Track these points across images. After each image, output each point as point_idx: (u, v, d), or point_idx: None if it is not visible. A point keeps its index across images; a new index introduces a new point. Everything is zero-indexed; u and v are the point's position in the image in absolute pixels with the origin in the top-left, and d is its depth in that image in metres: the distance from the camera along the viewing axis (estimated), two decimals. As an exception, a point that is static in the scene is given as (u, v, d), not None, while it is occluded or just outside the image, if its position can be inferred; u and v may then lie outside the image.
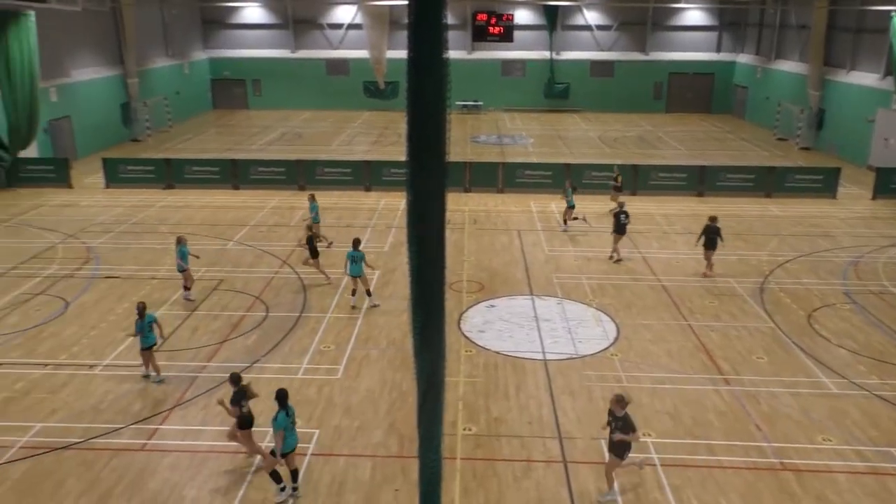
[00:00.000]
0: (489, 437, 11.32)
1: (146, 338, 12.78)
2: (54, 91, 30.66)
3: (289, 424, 9.67)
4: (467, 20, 46.50)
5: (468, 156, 31.95)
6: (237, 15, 47.73)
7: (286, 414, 9.62)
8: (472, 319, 15.70)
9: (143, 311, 12.75)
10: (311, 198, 20.45)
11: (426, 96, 4.69)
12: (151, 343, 12.88)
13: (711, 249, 17.98)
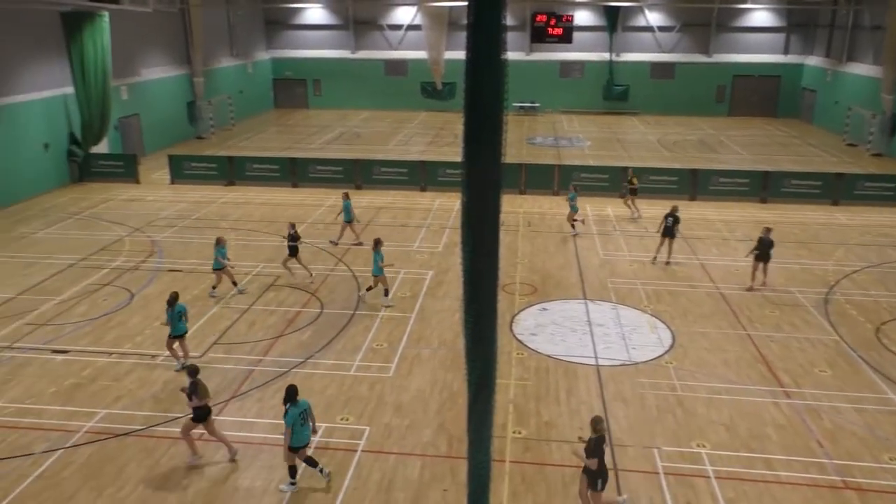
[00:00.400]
0: (539, 441, 11.24)
1: (176, 326, 13.23)
2: (125, 89, 31.80)
3: (298, 420, 9.79)
4: (526, 21, 46.31)
5: (524, 157, 31.80)
6: (299, 16, 48.63)
7: (297, 410, 9.77)
8: (524, 322, 15.62)
9: (173, 301, 13.18)
10: (345, 196, 20.65)
11: (483, 97, 4.69)
12: (182, 332, 13.35)
13: (764, 262, 17.30)
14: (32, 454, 10.79)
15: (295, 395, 9.86)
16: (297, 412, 9.81)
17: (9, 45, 24.59)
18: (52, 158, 27.01)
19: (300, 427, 9.85)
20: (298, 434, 9.85)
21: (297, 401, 9.89)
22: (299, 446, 9.93)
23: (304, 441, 9.97)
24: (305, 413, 9.94)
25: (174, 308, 13.14)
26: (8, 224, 22.55)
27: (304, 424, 9.93)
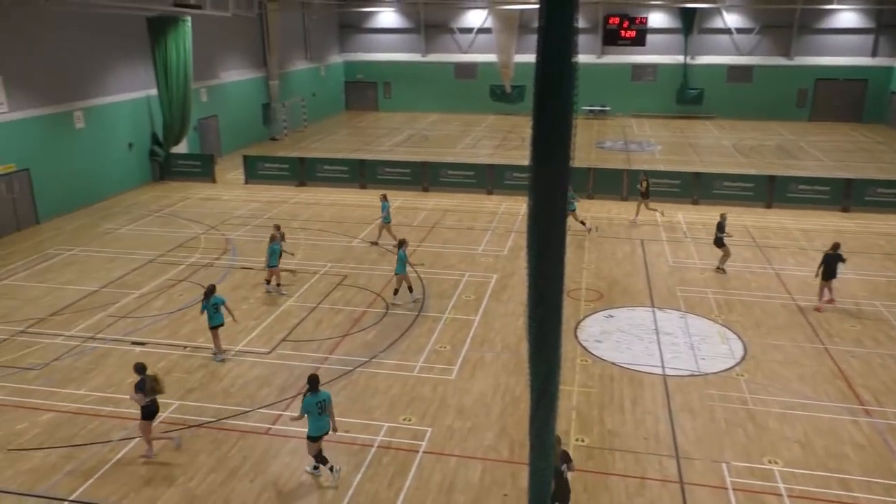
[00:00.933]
0: (602, 449, 11.06)
1: (213, 318, 13.66)
2: (204, 91, 32.96)
3: (314, 409, 9.96)
4: (598, 24, 45.70)
5: (592, 161, 31.37)
6: (372, 20, 49.38)
7: (314, 399, 9.97)
8: (589, 328, 15.41)
9: (210, 293, 13.63)
10: (383, 197, 20.83)
11: (553, 100, 4.65)
12: (218, 323, 13.75)
13: (831, 279, 16.41)
14: (111, 441, 11.29)
15: (316, 385, 10.06)
16: (314, 401, 10.00)
17: (99, 50, 25.84)
18: (136, 158, 28.24)
19: (317, 416, 10.02)
20: (315, 423, 10.05)
21: (317, 390, 10.08)
22: (317, 436, 10.12)
23: (321, 431, 10.16)
24: (323, 404, 10.08)
25: (210, 300, 13.63)
26: (94, 220, 23.69)
27: (322, 415, 10.08)
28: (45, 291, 17.47)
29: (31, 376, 13.31)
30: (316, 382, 10.12)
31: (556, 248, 5.19)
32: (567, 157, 4.87)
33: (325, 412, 10.11)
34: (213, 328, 13.83)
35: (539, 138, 4.79)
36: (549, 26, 4.44)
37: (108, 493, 10.05)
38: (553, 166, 4.89)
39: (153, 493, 10.05)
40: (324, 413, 10.10)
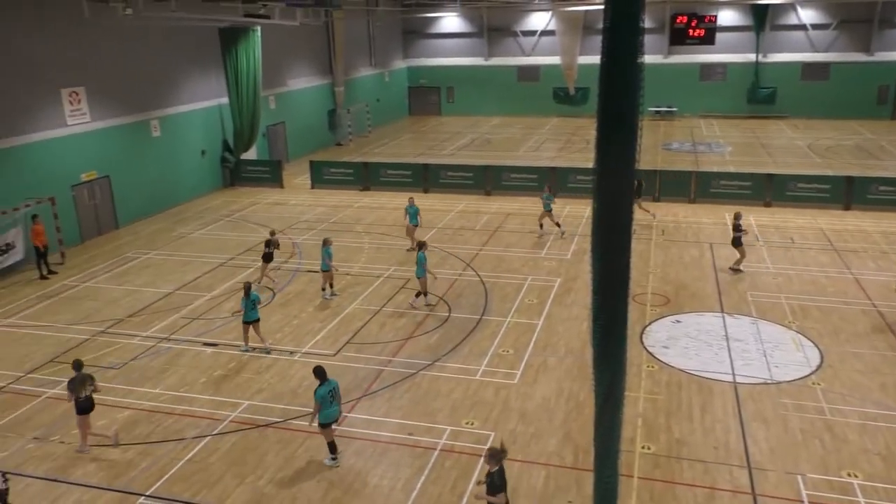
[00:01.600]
0: (669, 458, 10.80)
1: (249, 313, 14.32)
2: (273, 99, 33.83)
3: (327, 398, 10.50)
4: (665, 23, 44.77)
5: (659, 163, 30.74)
6: (435, 25, 49.71)
7: (326, 388, 10.51)
8: (655, 334, 15.08)
9: (248, 290, 14.33)
10: (410, 201, 20.96)
11: (618, 102, 4.60)
12: (254, 318, 14.40)
13: None
14: (184, 439, 11.68)
15: (324, 375, 10.65)
16: (326, 390, 10.55)
17: (174, 60, 26.86)
18: (208, 164, 29.20)
19: (328, 404, 10.53)
20: (327, 410, 10.53)
21: (326, 380, 10.63)
22: (328, 423, 10.61)
23: (332, 418, 10.67)
24: (334, 391, 10.64)
25: (249, 296, 14.27)
26: (169, 225, 24.60)
27: (333, 402, 10.62)
28: (123, 293, 18.24)
29: (111, 375, 13.91)
30: (323, 373, 10.70)
31: (621, 251, 5.12)
32: (632, 159, 4.81)
33: (336, 400, 10.70)
34: (246, 323, 14.51)
35: (604, 140, 4.74)
36: (615, 27, 4.39)
37: (182, 489, 10.40)
38: (618, 169, 4.83)
39: (223, 490, 10.34)
40: (335, 401, 10.66)
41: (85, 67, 22.78)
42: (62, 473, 10.85)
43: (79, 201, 22.67)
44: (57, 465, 11.08)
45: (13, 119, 20.44)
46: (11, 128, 20.40)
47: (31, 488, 10.48)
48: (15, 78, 20.40)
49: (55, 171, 21.68)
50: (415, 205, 20.90)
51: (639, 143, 4.78)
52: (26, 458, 11.26)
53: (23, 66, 20.58)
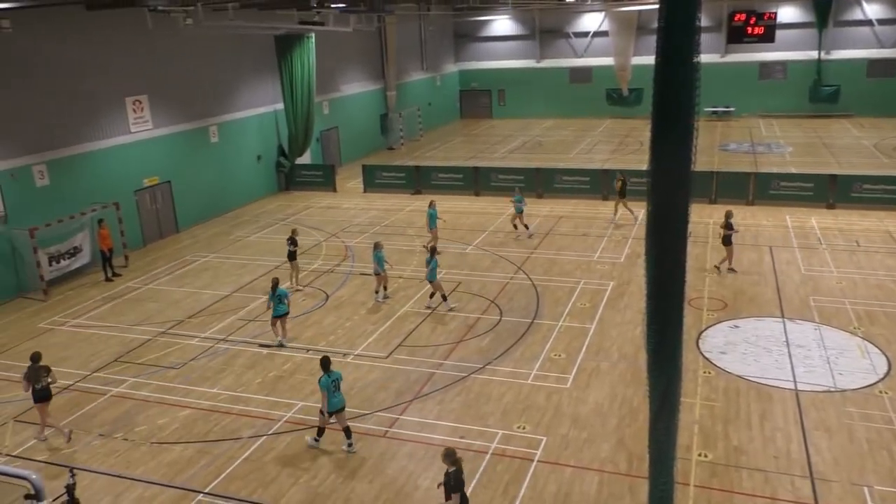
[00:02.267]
0: (727, 466, 10.53)
1: (277, 308, 15.03)
2: (326, 104, 34.35)
3: (331, 387, 11.06)
4: (723, 21, 43.80)
5: (716, 165, 30.05)
6: (487, 28, 49.71)
7: (330, 378, 11.05)
8: (712, 339, 14.74)
9: (275, 286, 15.09)
10: (431, 204, 21.25)
11: (673, 102, 4.52)
12: (282, 312, 15.14)
13: None
14: (240, 438, 11.94)
15: (328, 366, 11.22)
16: (330, 380, 11.10)
17: (232, 68, 27.54)
18: (264, 169, 29.83)
19: (332, 393, 11.10)
20: (332, 399, 11.11)
21: (330, 370, 11.18)
22: (333, 411, 11.16)
23: (337, 406, 11.19)
24: (337, 382, 11.22)
25: (275, 292, 14.98)
26: (227, 228, 25.21)
27: (338, 391, 11.20)
28: (183, 295, 18.76)
29: (172, 374, 14.32)
30: (328, 363, 11.27)
31: (677, 254, 5.04)
32: (688, 160, 4.73)
33: (339, 389, 11.26)
34: (278, 317, 15.18)
35: (659, 142, 4.67)
36: (670, 26, 4.33)
37: (238, 488, 10.63)
38: (673, 170, 4.76)
39: (278, 490, 10.53)
40: (339, 390, 11.25)
41: (147, 76, 23.55)
42: (125, 469, 11.22)
43: (141, 206, 23.44)
44: (120, 460, 11.46)
45: (81, 127, 21.27)
46: (79, 135, 21.23)
47: (97, 483, 10.86)
48: (83, 88, 21.22)
49: (119, 176, 22.47)
50: (434, 208, 21.11)
51: (695, 144, 4.70)
52: (92, 454, 11.67)
53: (90, 77, 21.41)
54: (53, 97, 20.36)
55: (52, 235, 19.49)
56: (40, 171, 20.00)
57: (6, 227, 18.86)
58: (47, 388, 11.92)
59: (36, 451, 11.82)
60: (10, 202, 18.87)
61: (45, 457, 11.61)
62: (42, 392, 11.88)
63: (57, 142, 20.54)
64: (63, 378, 14.37)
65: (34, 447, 11.94)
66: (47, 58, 20.07)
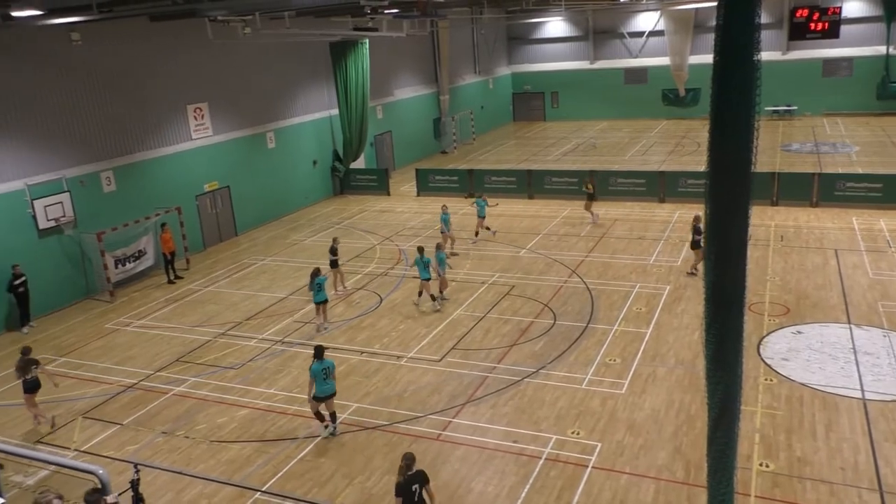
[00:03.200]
0: (790, 477, 10.20)
1: (317, 294, 16.06)
2: (380, 109, 34.72)
3: (321, 374, 11.62)
4: (784, 17, 42.53)
5: (777, 166, 29.21)
6: (540, 30, 49.47)
7: (320, 365, 11.61)
8: (774, 345, 14.31)
9: (315, 275, 16.10)
10: (443, 208, 21.51)
11: (732, 102, 4.43)
12: (322, 299, 16.19)
13: None
14: (296, 438, 12.15)
15: (321, 354, 11.81)
16: (320, 367, 11.65)
17: (288, 75, 28.11)
18: (319, 174, 30.32)
19: (322, 380, 11.65)
20: (321, 386, 11.67)
21: (322, 358, 11.75)
22: (321, 396, 11.72)
23: (326, 392, 11.72)
24: (328, 370, 11.72)
25: (314, 280, 16.00)
26: (283, 232, 25.72)
27: (327, 379, 11.69)
28: (242, 297, 19.21)
29: (231, 375, 14.67)
30: (321, 351, 11.87)
31: (736, 258, 4.93)
32: (748, 161, 4.63)
33: (330, 377, 11.72)
34: (317, 304, 16.21)
35: (717, 143, 4.58)
36: (729, 24, 4.24)
37: (294, 487, 10.81)
38: (733, 172, 4.66)
39: (333, 490, 10.67)
40: (328, 378, 11.71)
41: (208, 84, 24.24)
42: (186, 466, 11.53)
43: (202, 210, 24.11)
44: (182, 458, 11.79)
45: (145, 134, 22.02)
46: (144, 143, 21.98)
47: (160, 479, 11.20)
48: (147, 97, 21.98)
49: (181, 182, 23.17)
50: (447, 212, 21.40)
51: (755, 145, 4.59)
52: (155, 451, 12.05)
53: (154, 86, 22.16)
54: (120, 106, 21.14)
55: (118, 239, 20.24)
56: (107, 177, 20.79)
57: (76, 232, 19.65)
58: (35, 379, 12.90)
59: (104, 447, 12.27)
60: (80, 208, 19.65)
61: (112, 452, 12.03)
62: (31, 383, 12.88)
63: (123, 149, 21.32)
64: (128, 377, 14.89)
65: (100, 443, 12.39)
66: (114, 68, 20.87)
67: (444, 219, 21.19)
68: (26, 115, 18.53)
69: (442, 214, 21.38)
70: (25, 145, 18.55)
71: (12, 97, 18.17)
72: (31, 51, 18.57)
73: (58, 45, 19.16)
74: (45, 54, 18.95)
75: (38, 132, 18.87)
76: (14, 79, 18.19)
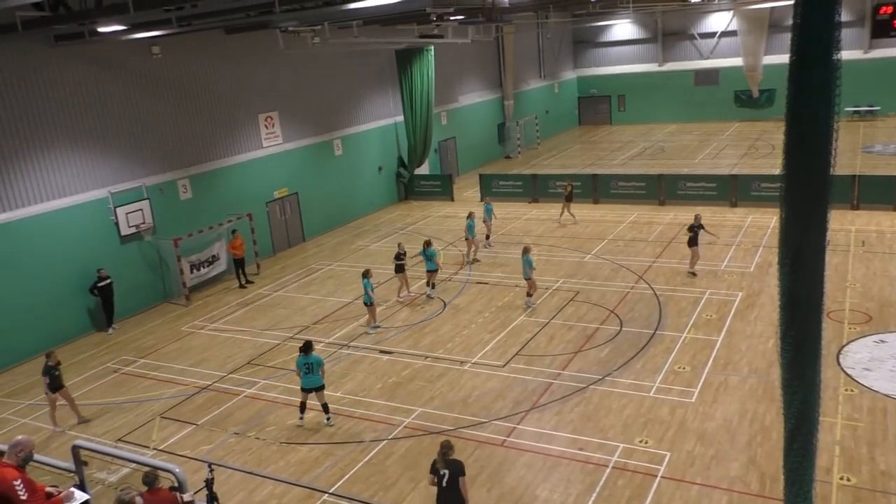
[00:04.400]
0: (873, 491, 9.74)
1: (367, 296, 16.83)
2: (444, 115, 34.93)
3: (303, 368, 12.51)
4: (866, 15, 40.73)
5: (858, 168, 27.99)
6: (606, 33, 48.83)
7: (303, 359, 12.49)
8: (855, 355, 13.69)
9: (366, 275, 16.83)
10: (470, 215, 21.75)
11: (810, 103, 4.29)
12: (367, 302, 16.89)
13: None
14: (362, 442, 12.31)
15: (309, 349, 12.61)
16: (303, 361, 12.50)
17: (355, 83, 28.62)
18: (384, 180, 30.72)
19: (305, 374, 12.53)
20: (304, 378, 12.59)
21: (308, 354, 12.54)
22: (305, 388, 12.67)
23: (308, 385, 12.62)
24: (311, 364, 12.49)
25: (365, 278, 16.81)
26: (349, 237, 26.15)
27: (309, 373, 12.51)
28: (309, 302, 19.62)
29: (298, 378, 14.96)
30: (309, 347, 12.67)
31: (814, 264, 4.76)
32: (827, 164, 4.48)
33: (312, 372, 12.52)
34: (367, 305, 17.00)
35: (794, 145, 4.44)
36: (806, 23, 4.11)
37: (360, 490, 10.95)
38: (810, 175, 4.51)
39: (399, 494, 10.76)
40: (311, 372, 12.52)
41: (278, 93, 24.91)
42: (257, 467, 11.84)
43: (272, 216, 24.75)
44: (253, 458, 12.11)
45: (219, 143, 22.79)
46: (218, 151, 22.75)
47: (232, 479, 11.53)
48: (221, 106, 22.76)
49: (253, 189, 23.85)
50: (472, 219, 21.59)
51: (834, 147, 4.43)
52: (228, 451, 12.42)
53: (228, 96, 22.93)
54: (196, 116, 21.95)
55: (193, 245, 20.99)
56: (184, 185, 21.60)
57: (154, 238, 20.48)
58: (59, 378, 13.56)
59: (180, 446, 12.72)
60: (158, 214, 20.48)
61: (188, 452, 12.46)
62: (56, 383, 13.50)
63: (199, 157, 22.12)
64: (203, 378, 15.40)
65: (177, 443, 12.86)
66: (190, 80, 21.69)
67: (470, 225, 21.43)
68: (109, 125, 19.44)
69: (468, 221, 21.56)
70: (108, 155, 19.46)
71: (97, 108, 19.10)
72: (114, 64, 19.48)
73: (139, 58, 20.06)
74: (128, 67, 19.86)
75: (120, 142, 19.77)
76: (98, 91, 19.12)
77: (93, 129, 19.01)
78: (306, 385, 12.71)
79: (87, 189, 18.91)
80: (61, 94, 18.23)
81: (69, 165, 18.48)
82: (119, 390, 15.26)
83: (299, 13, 17.00)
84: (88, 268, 18.51)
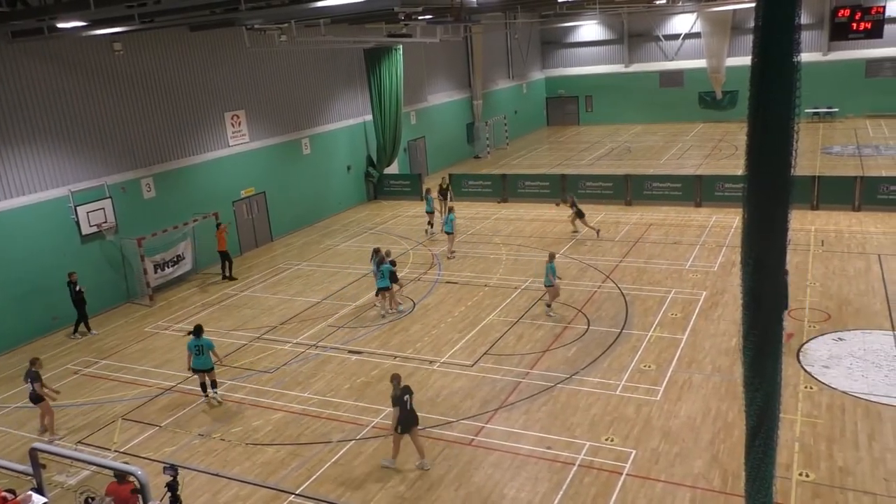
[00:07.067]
0: (831, 487, 9.95)
1: (380, 280, 17.00)
2: (413, 114, 34.87)
3: (193, 350, 13.38)
4: (825, 18, 41.67)
5: (818, 169, 28.62)
6: (574, 34, 49.21)
7: (193, 342, 13.38)
8: (814, 352, 13.98)
9: (380, 262, 17.10)
10: (449, 210, 22.33)
11: (771, 104, 4.35)
12: (383, 286, 17.08)
13: None
14: (330, 442, 12.23)
15: (199, 332, 13.52)
16: (193, 344, 13.41)
17: (323, 82, 28.40)
18: (353, 179, 30.56)
19: (196, 355, 13.40)
20: (195, 359, 13.46)
21: (199, 336, 13.42)
22: (196, 369, 13.59)
23: (199, 366, 13.52)
24: (202, 346, 13.36)
25: (379, 267, 17.03)
26: (318, 237, 25.95)
27: (199, 355, 13.37)
28: (276, 302, 19.42)
29: (265, 378, 14.83)
30: (199, 330, 13.57)
31: (775, 264, 4.84)
32: (788, 164, 4.55)
33: (203, 354, 13.39)
34: (381, 290, 17.17)
35: (756, 146, 4.51)
36: (768, 25, 4.17)
37: (328, 490, 10.88)
38: (772, 175, 4.58)
39: (366, 494, 10.70)
40: (201, 354, 13.38)
41: (244, 92, 24.61)
42: (222, 468, 11.69)
43: (238, 216, 24.46)
44: (218, 460, 11.95)
45: (184, 142, 22.43)
46: (182, 150, 22.39)
47: (196, 481, 11.36)
48: (186, 105, 22.41)
49: (219, 188, 23.53)
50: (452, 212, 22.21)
51: (795, 147, 4.50)
52: (192, 453, 12.23)
53: (192, 94, 22.59)
54: (160, 114, 21.58)
55: (158, 245, 20.64)
56: (147, 184, 21.22)
57: (117, 238, 20.08)
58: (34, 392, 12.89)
59: (143, 448, 12.49)
60: (121, 214, 20.09)
61: (150, 454, 12.24)
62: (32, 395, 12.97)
63: (163, 156, 21.75)
64: (166, 380, 15.15)
65: (139, 445, 12.62)
66: (154, 77, 21.31)
67: (450, 219, 21.87)
68: (70, 123, 19.02)
69: (449, 215, 22.01)
70: (69, 153, 19.03)
71: (57, 106, 18.67)
72: (74, 61, 19.06)
73: (101, 55, 19.65)
74: (89, 64, 19.44)
75: (81, 140, 19.35)
76: (58, 88, 18.69)
77: (52, 126, 18.58)
78: (196, 366, 13.56)
79: (47, 188, 18.48)
80: (19, 91, 17.78)
81: (27, 163, 18.04)
82: (80, 392, 14.95)
83: (265, 11, 16.82)
84: (48, 267, 18.08)
